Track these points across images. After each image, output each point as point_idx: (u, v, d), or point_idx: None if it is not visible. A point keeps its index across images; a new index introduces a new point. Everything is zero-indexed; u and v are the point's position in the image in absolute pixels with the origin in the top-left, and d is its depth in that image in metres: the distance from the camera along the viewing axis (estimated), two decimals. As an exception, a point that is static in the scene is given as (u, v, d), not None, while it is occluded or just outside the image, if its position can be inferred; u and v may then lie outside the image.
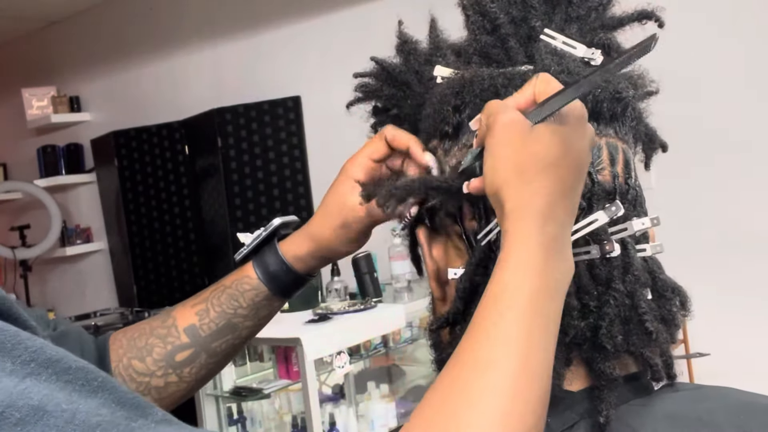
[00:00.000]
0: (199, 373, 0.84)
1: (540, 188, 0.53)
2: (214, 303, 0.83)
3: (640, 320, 0.60)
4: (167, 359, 0.82)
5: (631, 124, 0.65)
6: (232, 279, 0.84)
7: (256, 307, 0.83)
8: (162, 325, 0.84)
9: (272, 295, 0.83)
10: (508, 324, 0.50)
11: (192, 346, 0.83)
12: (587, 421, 0.58)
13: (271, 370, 3.05)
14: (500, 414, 0.47)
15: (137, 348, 0.83)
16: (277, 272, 0.82)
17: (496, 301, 0.51)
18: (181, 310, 0.84)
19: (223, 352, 0.84)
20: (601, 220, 0.60)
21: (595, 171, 0.61)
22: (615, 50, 0.67)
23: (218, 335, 0.83)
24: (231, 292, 0.83)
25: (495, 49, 0.66)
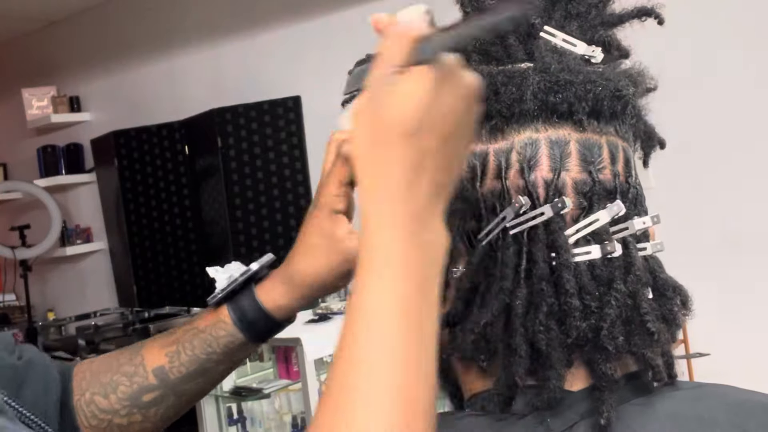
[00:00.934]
0: (165, 414, 0.81)
1: (392, 162, 0.49)
2: (186, 346, 0.80)
3: (641, 320, 0.59)
4: (132, 399, 0.79)
5: (631, 122, 0.65)
6: (205, 323, 0.80)
7: (231, 352, 0.80)
8: (129, 362, 0.81)
9: (248, 341, 0.79)
10: (377, 335, 0.48)
11: (160, 388, 0.80)
12: (587, 421, 0.58)
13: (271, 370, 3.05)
14: (386, 414, 0.46)
15: (101, 384, 0.80)
16: (255, 320, 0.78)
17: (361, 310, 0.49)
18: (150, 349, 0.81)
19: (193, 392, 0.82)
20: (603, 220, 0.60)
21: (596, 170, 0.61)
22: (615, 47, 0.67)
23: (189, 379, 0.80)
24: (204, 337, 0.79)
25: (494, 46, 0.65)
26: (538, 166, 0.60)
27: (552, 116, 0.61)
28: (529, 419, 0.59)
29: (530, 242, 0.60)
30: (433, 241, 0.51)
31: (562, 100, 0.61)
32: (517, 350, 0.58)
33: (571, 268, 0.59)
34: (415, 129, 0.49)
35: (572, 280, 0.58)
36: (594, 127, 0.62)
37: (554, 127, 0.61)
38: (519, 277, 0.59)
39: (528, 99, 0.60)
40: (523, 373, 0.58)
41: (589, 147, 0.61)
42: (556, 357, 0.58)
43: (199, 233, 4.29)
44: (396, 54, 0.50)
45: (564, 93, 0.61)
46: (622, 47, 0.67)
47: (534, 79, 0.61)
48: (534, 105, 0.61)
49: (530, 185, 0.60)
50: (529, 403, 0.59)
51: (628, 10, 0.67)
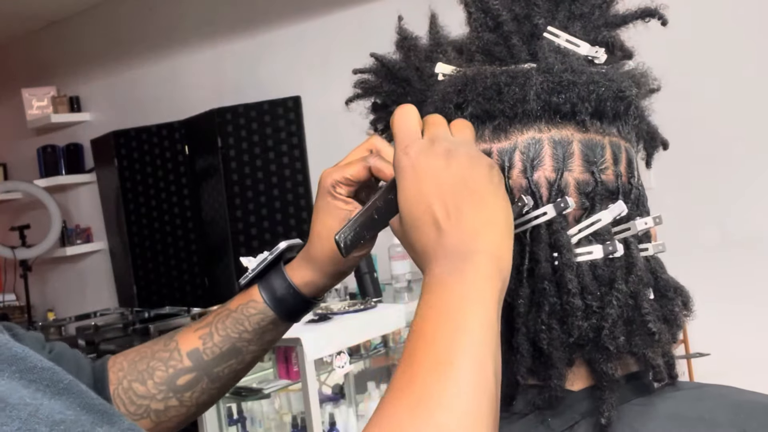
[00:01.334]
0: (200, 398, 0.83)
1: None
2: (218, 327, 0.82)
3: (642, 321, 0.59)
4: (168, 383, 0.81)
5: (634, 123, 0.65)
6: (236, 303, 0.83)
7: (261, 331, 0.82)
8: (164, 349, 0.83)
9: (278, 320, 0.82)
10: (468, 341, 0.51)
11: (194, 371, 0.82)
12: (588, 420, 0.58)
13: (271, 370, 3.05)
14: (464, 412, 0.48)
15: (138, 371, 0.82)
16: (284, 296, 0.81)
17: (449, 312, 0.52)
18: (184, 334, 0.83)
19: (226, 377, 0.83)
20: (605, 220, 0.60)
21: (598, 170, 0.61)
22: (618, 48, 0.67)
23: (222, 360, 0.82)
24: (236, 317, 0.82)
25: (498, 46, 0.65)
26: (541, 165, 0.61)
27: (555, 116, 0.61)
28: (530, 418, 0.59)
29: (533, 242, 0.60)
30: (483, 276, 0.54)
31: (565, 101, 0.61)
32: (519, 349, 0.59)
33: (573, 268, 0.59)
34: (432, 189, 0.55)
35: (574, 280, 0.58)
36: (597, 128, 0.62)
37: (557, 127, 0.61)
38: (521, 277, 0.60)
39: (531, 99, 0.61)
40: (524, 372, 0.59)
41: (592, 147, 0.61)
42: (558, 356, 0.58)
43: (199, 233, 4.29)
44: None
45: (567, 93, 0.61)
46: (626, 48, 0.68)
47: (537, 80, 0.61)
48: (537, 105, 0.61)
49: (533, 185, 0.60)
50: (530, 402, 0.59)
51: (632, 11, 0.67)
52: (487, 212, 0.55)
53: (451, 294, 0.52)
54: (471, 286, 0.52)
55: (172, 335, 0.84)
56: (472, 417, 0.47)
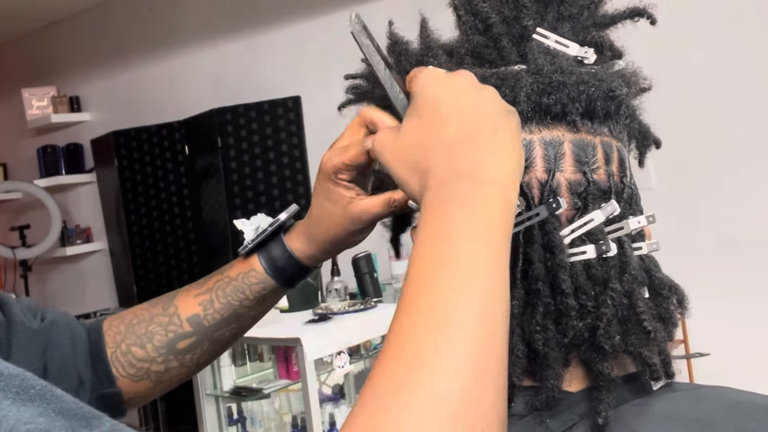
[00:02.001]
0: (200, 359, 0.85)
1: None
2: (219, 294, 0.83)
3: (638, 319, 0.60)
4: (168, 346, 0.83)
5: (625, 122, 0.65)
6: (237, 271, 0.84)
7: (262, 298, 0.83)
8: (163, 313, 0.84)
9: (278, 287, 0.83)
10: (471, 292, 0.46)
11: (195, 335, 0.83)
12: (586, 421, 0.58)
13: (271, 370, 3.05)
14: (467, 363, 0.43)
15: (137, 335, 0.83)
16: (285, 266, 0.82)
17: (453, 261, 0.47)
18: (183, 298, 0.84)
19: (226, 340, 0.85)
20: (597, 220, 0.60)
21: (590, 170, 0.61)
22: (608, 48, 0.67)
23: (222, 324, 0.84)
24: (237, 285, 0.83)
25: (487, 49, 0.65)
26: (532, 167, 0.61)
27: (545, 117, 0.61)
28: (529, 420, 0.59)
29: (526, 243, 0.60)
30: (494, 203, 0.51)
31: (556, 102, 0.61)
32: (514, 350, 0.59)
33: (567, 268, 0.59)
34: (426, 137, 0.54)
35: (568, 280, 0.58)
36: (588, 128, 0.62)
37: (548, 128, 0.61)
38: (515, 278, 0.60)
39: (521, 101, 0.61)
40: (519, 373, 0.59)
41: (583, 147, 0.62)
42: (553, 356, 0.58)
43: (199, 233, 4.29)
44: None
45: (557, 94, 0.61)
46: (615, 48, 0.68)
47: (527, 81, 0.61)
48: (527, 106, 0.61)
49: (525, 186, 0.60)
50: (528, 404, 0.59)
51: (621, 11, 0.67)
52: (502, 144, 0.53)
53: (456, 224, 0.48)
54: (481, 219, 0.49)
55: (170, 298, 0.85)
56: (480, 382, 0.43)
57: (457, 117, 0.53)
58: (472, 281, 0.46)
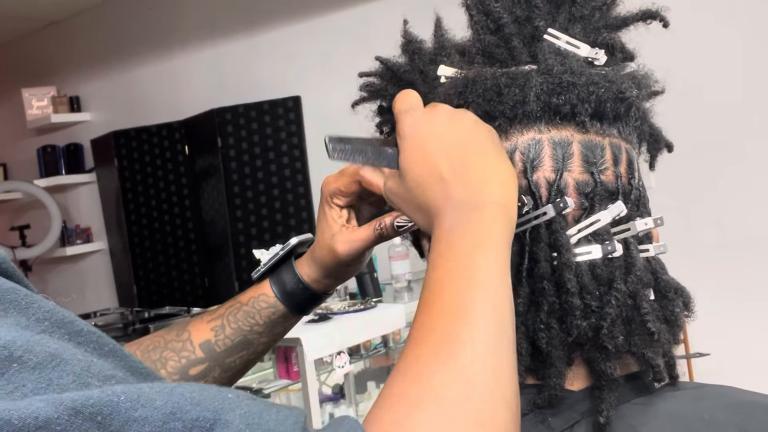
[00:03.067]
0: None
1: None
2: (230, 320, 0.83)
3: (642, 321, 0.60)
4: (181, 372, 0.83)
5: (635, 124, 0.65)
6: (248, 296, 0.84)
7: (272, 324, 0.83)
8: (177, 339, 0.84)
9: (288, 313, 0.83)
10: (484, 290, 0.51)
11: (206, 361, 0.83)
12: (588, 420, 0.58)
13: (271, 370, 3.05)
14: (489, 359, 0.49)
15: (151, 360, 0.83)
16: (294, 291, 0.82)
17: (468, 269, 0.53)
18: (196, 324, 0.85)
19: (237, 368, 0.85)
20: (604, 220, 0.60)
21: (598, 171, 0.61)
22: (619, 50, 0.67)
23: (233, 351, 0.84)
24: (247, 310, 0.83)
25: (498, 48, 0.65)
26: (540, 166, 0.61)
27: (555, 117, 0.61)
28: (530, 417, 0.59)
29: (532, 241, 0.60)
30: (494, 231, 0.55)
31: (565, 102, 0.61)
32: (518, 348, 0.59)
33: (573, 268, 0.59)
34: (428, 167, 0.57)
35: (573, 280, 0.59)
36: (597, 129, 0.62)
37: (557, 128, 0.62)
38: (521, 276, 0.60)
39: (531, 100, 0.61)
40: (522, 371, 0.59)
41: (592, 148, 0.62)
42: (557, 355, 0.59)
43: (199, 233, 4.29)
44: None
45: (567, 95, 0.61)
46: (627, 50, 0.68)
47: (537, 81, 0.61)
48: (537, 106, 0.61)
49: (533, 185, 0.60)
50: (530, 402, 0.59)
51: (633, 12, 0.67)
52: (491, 166, 0.56)
53: (462, 242, 0.53)
54: (482, 234, 0.53)
55: (184, 325, 0.86)
56: (495, 358, 0.48)
57: (444, 153, 0.57)
58: (481, 285, 0.52)
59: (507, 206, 0.55)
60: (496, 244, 0.53)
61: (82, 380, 0.39)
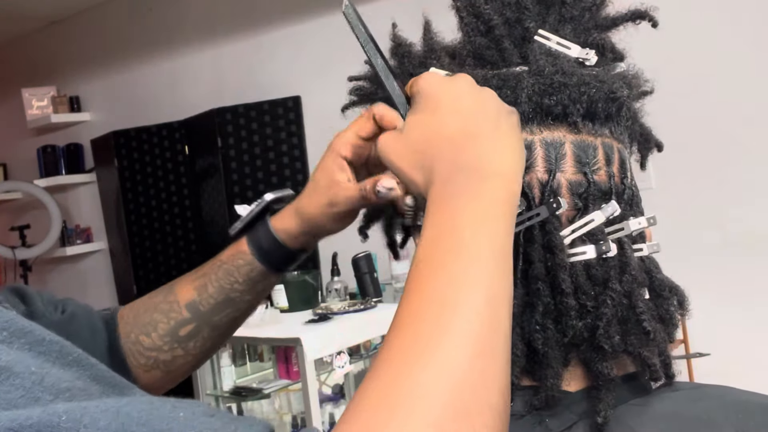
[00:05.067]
0: (204, 346, 0.85)
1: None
2: (212, 278, 0.84)
3: (637, 320, 0.60)
4: (172, 334, 0.84)
5: (627, 124, 0.65)
6: (228, 254, 0.84)
7: (252, 281, 0.84)
8: (165, 300, 0.85)
9: (266, 271, 0.83)
10: (476, 279, 0.48)
11: (193, 321, 0.84)
12: (586, 421, 0.58)
13: (271, 370, 3.05)
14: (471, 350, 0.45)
15: (142, 324, 0.84)
16: (269, 249, 0.82)
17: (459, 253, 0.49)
18: (182, 285, 0.86)
19: (225, 325, 0.86)
20: (597, 220, 0.60)
21: (590, 171, 0.61)
22: (609, 50, 0.67)
23: (218, 309, 0.84)
24: (227, 268, 0.84)
25: (489, 50, 0.66)
26: (533, 167, 0.61)
27: (547, 118, 0.61)
28: (528, 419, 0.59)
29: (526, 243, 0.60)
30: (497, 195, 0.52)
31: (557, 103, 0.61)
32: (513, 350, 0.59)
33: (567, 268, 0.59)
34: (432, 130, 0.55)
35: (568, 280, 0.59)
36: (589, 129, 0.62)
37: (549, 129, 0.62)
38: (515, 277, 0.60)
39: (523, 102, 0.61)
40: (518, 372, 0.59)
41: (584, 148, 0.62)
42: (553, 356, 0.59)
43: (199, 233, 4.29)
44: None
45: (558, 95, 0.61)
46: (617, 50, 0.68)
47: (528, 82, 0.61)
48: (529, 107, 0.61)
49: (526, 186, 0.60)
50: (527, 403, 0.59)
51: (622, 13, 0.67)
52: (505, 140, 0.54)
53: (462, 215, 0.50)
54: (485, 209, 0.50)
55: (171, 287, 0.87)
56: (483, 360, 0.45)
57: (459, 114, 0.54)
58: (477, 266, 0.48)
59: (514, 182, 0.53)
60: (499, 224, 0.50)
61: (32, 395, 0.38)
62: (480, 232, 0.49)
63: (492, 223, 0.50)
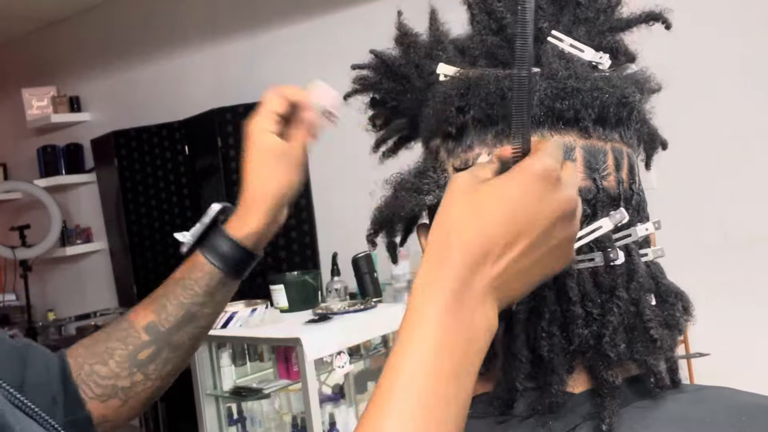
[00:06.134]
0: (164, 369, 0.85)
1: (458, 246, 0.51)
2: (170, 297, 0.85)
3: (644, 327, 0.59)
4: (130, 359, 0.83)
5: (636, 127, 0.64)
6: (182, 270, 0.86)
7: (212, 291, 0.85)
8: (119, 328, 0.85)
9: (225, 277, 0.84)
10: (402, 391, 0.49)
11: (153, 343, 0.84)
12: (589, 424, 0.57)
13: (271, 370, 3.05)
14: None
15: (97, 354, 0.83)
16: (227, 252, 0.84)
17: (390, 363, 0.50)
18: (135, 311, 0.86)
19: (185, 345, 0.86)
20: (606, 227, 0.59)
21: (600, 177, 0.60)
22: (622, 53, 0.66)
23: (178, 327, 0.84)
24: (185, 283, 0.85)
25: (501, 49, 0.64)
26: None
27: (558, 123, 0.60)
28: (531, 421, 0.59)
29: None
30: (476, 323, 0.51)
31: (569, 107, 0.60)
32: (518, 355, 0.58)
33: (574, 276, 0.58)
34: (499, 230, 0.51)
35: (575, 288, 0.58)
36: (599, 134, 0.61)
37: (560, 133, 0.60)
38: None
39: (535, 105, 0.60)
40: (522, 378, 0.58)
41: (594, 154, 0.61)
42: (558, 362, 0.58)
43: (199, 233, 4.28)
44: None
45: (571, 100, 0.60)
46: (629, 52, 0.67)
47: (541, 86, 0.60)
48: (540, 111, 0.60)
49: None
50: (530, 406, 0.59)
51: (636, 14, 0.66)
52: (528, 279, 0.53)
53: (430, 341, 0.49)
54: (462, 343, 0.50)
55: (124, 315, 0.87)
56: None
57: (508, 226, 0.51)
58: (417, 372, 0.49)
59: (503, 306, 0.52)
60: (464, 364, 0.50)
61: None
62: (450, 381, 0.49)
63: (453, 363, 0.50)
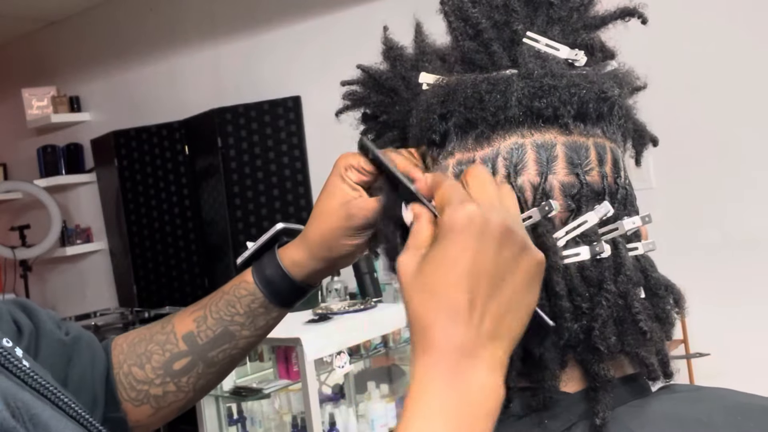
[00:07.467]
0: (197, 383, 0.82)
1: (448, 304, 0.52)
2: (212, 310, 0.81)
3: (633, 320, 0.59)
4: (165, 367, 0.81)
5: (619, 123, 0.65)
6: (231, 285, 0.82)
7: (252, 314, 0.80)
8: (161, 331, 0.82)
9: (268, 303, 0.80)
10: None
11: (189, 354, 0.81)
12: (585, 422, 0.58)
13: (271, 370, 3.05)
14: None
15: (137, 354, 0.82)
16: (272, 276, 0.79)
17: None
18: (180, 317, 0.83)
19: (221, 363, 0.82)
20: (591, 221, 0.60)
21: (583, 172, 0.61)
22: (598, 49, 0.67)
23: (215, 344, 0.81)
24: (228, 298, 0.81)
25: (478, 54, 0.65)
26: (524, 170, 0.61)
27: (537, 121, 0.61)
28: (527, 420, 0.59)
29: None
30: (480, 387, 0.51)
31: (547, 105, 0.61)
32: None
33: (561, 270, 0.59)
34: (443, 281, 0.52)
35: (561, 282, 0.58)
36: (580, 130, 0.62)
37: (540, 131, 0.61)
38: None
39: (513, 105, 0.61)
40: (514, 375, 0.59)
41: (576, 149, 0.62)
42: (550, 357, 0.58)
43: (199, 233, 4.29)
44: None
45: (548, 98, 0.61)
46: (606, 48, 0.68)
47: (518, 86, 0.61)
48: (519, 111, 0.61)
49: (517, 190, 0.60)
50: (525, 404, 0.59)
51: (611, 11, 0.67)
52: (513, 315, 0.53)
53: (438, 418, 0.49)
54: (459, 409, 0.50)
55: (169, 318, 0.84)
56: None
57: (474, 280, 0.51)
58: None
59: (499, 377, 0.52)
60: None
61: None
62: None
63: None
